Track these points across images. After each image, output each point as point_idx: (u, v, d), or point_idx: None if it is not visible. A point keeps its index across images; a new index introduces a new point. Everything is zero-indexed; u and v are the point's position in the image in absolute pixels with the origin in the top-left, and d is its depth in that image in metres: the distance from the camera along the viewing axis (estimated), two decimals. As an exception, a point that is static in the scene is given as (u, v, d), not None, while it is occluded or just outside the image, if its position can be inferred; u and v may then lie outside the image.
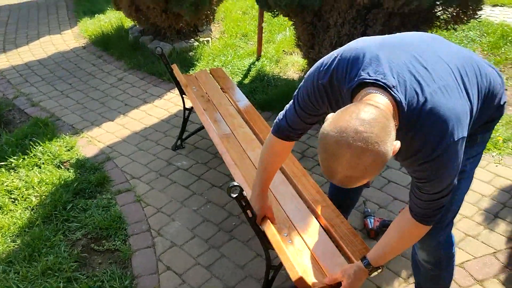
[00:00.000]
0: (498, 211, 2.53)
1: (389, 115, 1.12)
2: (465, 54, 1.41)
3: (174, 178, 2.98)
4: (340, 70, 1.31)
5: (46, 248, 2.40)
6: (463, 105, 1.25)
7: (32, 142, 3.34)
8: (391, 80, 1.20)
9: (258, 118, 2.76)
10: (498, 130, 3.20)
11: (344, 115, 1.09)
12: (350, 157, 1.06)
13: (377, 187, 2.78)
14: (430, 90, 1.21)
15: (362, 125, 1.06)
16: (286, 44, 4.92)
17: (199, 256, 2.37)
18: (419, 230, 1.45)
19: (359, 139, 1.05)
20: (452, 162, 1.25)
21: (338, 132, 1.07)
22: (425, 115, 1.19)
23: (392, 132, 1.10)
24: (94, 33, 5.64)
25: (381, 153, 1.06)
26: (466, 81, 1.30)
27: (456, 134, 1.21)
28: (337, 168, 1.09)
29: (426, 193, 1.34)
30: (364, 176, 1.09)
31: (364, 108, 1.10)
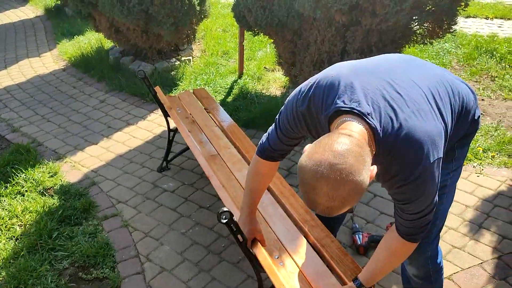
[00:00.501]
0: (482, 222, 2.58)
1: (363, 143, 1.16)
2: (437, 74, 1.46)
3: (161, 200, 2.97)
4: (317, 98, 1.36)
5: (32, 279, 2.35)
6: (437, 127, 1.29)
7: (14, 169, 3.29)
8: (365, 108, 1.24)
9: (243, 138, 2.78)
10: (478, 141, 3.28)
11: (318, 148, 1.13)
12: (327, 190, 1.09)
13: (363, 202, 2.81)
14: (405, 115, 1.25)
15: (336, 157, 1.09)
16: (267, 61, 4.96)
17: (190, 281, 2.35)
18: (407, 248, 1.48)
19: (334, 171, 1.08)
20: (430, 183, 1.30)
21: (313, 166, 1.11)
22: (400, 140, 1.24)
23: (367, 159, 1.13)
24: (73, 55, 5.61)
25: (357, 182, 1.10)
26: (439, 102, 1.35)
27: (431, 156, 1.25)
28: (317, 200, 1.12)
29: (409, 213, 1.38)
30: (344, 205, 1.12)
31: (337, 139, 1.14)
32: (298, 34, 3.49)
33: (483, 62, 4.56)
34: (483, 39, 5.09)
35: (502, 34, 5.28)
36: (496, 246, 2.42)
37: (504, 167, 3.03)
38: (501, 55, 4.62)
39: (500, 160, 3.08)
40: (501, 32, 5.41)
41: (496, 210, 2.66)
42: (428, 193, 1.32)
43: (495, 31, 5.44)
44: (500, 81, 4.18)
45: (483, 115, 3.69)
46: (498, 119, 3.61)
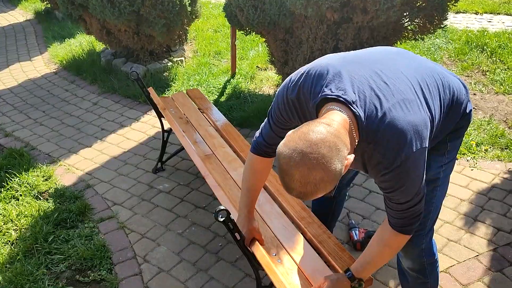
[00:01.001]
0: (477, 215, 2.60)
1: (341, 133, 1.20)
2: (427, 66, 1.48)
3: (157, 201, 2.96)
4: (306, 86, 1.39)
5: (29, 284, 2.34)
6: (422, 117, 1.31)
7: (7, 174, 3.26)
8: (351, 96, 1.28)
9: (238, 136, 2.78)
10: (471, 135, 3.30)
11: (295, 135, 1.18)
12: (299, 177, 1.15)
13: (359, 198, 2.82)
14: (389, 104, 1.28)
15: (309, 146, 1.14)
16: (259, 60, 4.97)
17: (188, 280, 2.35)
18: (399, 240, 1.49)
19: (305, 160, 1.13)
20: (413, 172, 1.32)
21: (288, 153, 1.16)
22: (383, 129, 1.26)
23: (341, 149, 1.17)
24: (65, 58, 5.58)
25: (328, 171, 1.14)
26: (426, 93, 1.38)
27: (414, 146, 1.27)
28: (291, 185, 1.18)
29: (396, 202, 1.40)
30: (317, 191, 1.18)
31: (314, 128, 1.18)
32: (290, 33, 3.50)
33: (474, 57, 4.60)
34: (474, 34, 5.13)
35: (492, 29, 5.32)
36: (491, 238, 2.44)
37: (497, 160, 3.06)
38: (491, 50, 4.66)
39: (493, 154, 3.11)
40: (491, 26, 5.45)
41: (490, 203, 2.68)
42: (412, 182, 1.33)
43: (485, 26, 5.48)
44: (491, 75, 4.22)
45: (475, 109, 3.72)
46: (490, 113, 3.64)
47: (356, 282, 1.57)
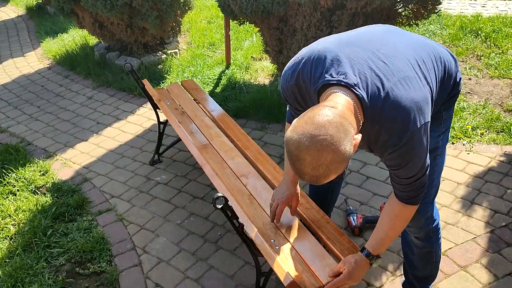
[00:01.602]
0: (474, 198, 2.62)
1: (346, 114, 1.21)
2: (419, 41, 1.51)
3: (155, 193, 2.96)
4: (305, 72, 1.41)
5: (29, 277, 2.34)
6: (423, 93, 1.33)
7: (4, 169, 3.25)
8: (352, 79, 1.29)
9: (234, 126, 2.77)
10: (466, 119, 3.31)
11: (302, 121, 1.19)
12: (310, 160, 1.16)
13: (356, 184, 2.83)
14: (391, 84, 1.29)
15: (317, 129, 1.15)
16: (254, 50, 4.95)
17: (187, 270, 2.35)
18: (408, 211, 1.52)
19: (315, 142, 1.14)
20: (419, 147, 1.34)
21: (297, 138, 1.17)
22: (387, 109, 1.28)
23: (349, 129, 1.18)
24: (58, 53, 5.54)
25: (338, 151, 1.15)
26: (424, 69, 1.40)
27: (418, 122, 1.29)
28: (303, 170, 1.19)
29: (403, 177, 1.43)
30: (330, 173, 1.18)
31: (319, 111, 1.19)
32: (284, 21, 3.49)
33: (469, 42, 4.60)
34: (468, 19, 5.12)
35: (486, 14, 5.32)
36: (488, 220, 2.45)
37: (493, 143, 3.07)
38: (486, 34, 4.65)
39: (489, 137, 3.12)
40: (485, 11, 5.45)
41: (487, 186, 2.70)
42: (418, 157, 1.36)
43: (479, 11, 5.48)
44: (486, 59, 4.22)
45: (471, 94, 3.73)
46: (486, 97, 3.65)
47: (374, 259, 1.59)
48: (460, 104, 3.49)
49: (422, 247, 1.78)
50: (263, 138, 3.42)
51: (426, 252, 1.80)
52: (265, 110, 3.70)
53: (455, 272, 2.18)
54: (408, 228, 1.75)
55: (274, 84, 4.11)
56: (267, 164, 2.36)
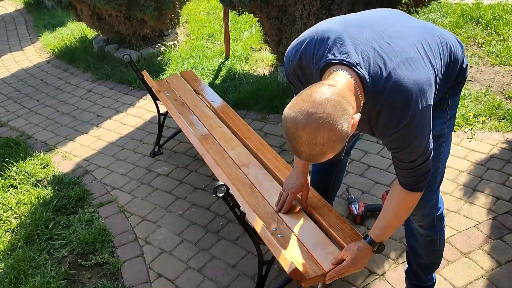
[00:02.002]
0: (476, 185, 2.61)
1: (345, 92, 1.20)
2: (426, 26, 1.49)
3: (156, 184, 2.96)
4: (308, 52, 1.40)
5: (32, 269, 2.34)
6: (426, 75, 1.31)
7: (5, 163, 3.25)
8: (354, 58, 1.28)
9: (234, 116, 2.76)
10: (468, 107, 3.30)
11: (299, 99, 1.19)
12: (306, 138, 1.15)
13: (358, 173, 2.82)
14: (394, 64, 1.28)
15: (314, 107, 1.14)
16: (253, 41, 4.92)
17: (190, 260, 2.35)
18: (412, 198, 1.51)
19: (311, 120, 1.14)
20: (420, 130, 1.33)
21: (293, 116, 1.16)
22: (389, 89, 1.27)
23: (347, 108, 1.17)
24: (57, 46, 5.52)
25: (335, 130, 1.15)
26: (428, 51, 1.38)
27: (420, 104, 1.28)
28: (299, 148, 1.18)
29: (405, 161, 1.41)
30: (326, 152, 1.18)
31: (318, 89, 1.18)
32: (283, 10, 3.46)
33: (469, 29, 4.56)
34: (468, 7, 5.08)
35: (486, 1, 5.27)
36: (490, 207, 2.45)
37: (495, 130, 3.05)
38: (486, 22, 4.62)
39: (491, 124, 3.11)
40: (485, -1, 5.40)
41: (489, 173, 2.69)
42: (419, 139, 1.34)
43: (479, -2, 5.43)
44: (487, 47, 4.19)
45: (472, 81, 3.71)
46: (487, 84, 3.63)
47: (377, 246, 1.59)
48: (462, 92, 3.46)
49: (426, 236, 1.76)
50: (263, 129, 3.41)
51: (430, 241, 1.79)
52: (265, 101, 3.68)
53: (457, 258, 2.18)
54: (412, 216, 1.74)
55: (274, 75, 4.09)
56: (268, 154, 2.35)
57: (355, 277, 2.14)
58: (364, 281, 2.12)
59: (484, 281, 2.06)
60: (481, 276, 2.08)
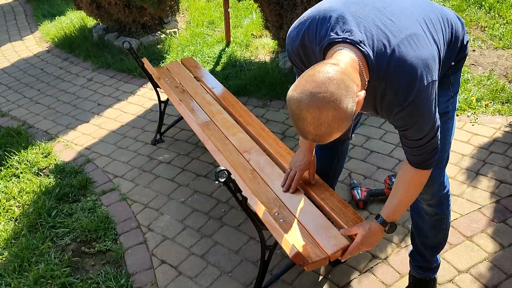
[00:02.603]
0: (479, 168, 2.60)
1: (349, 71, 1.19)
2: (427, 2, 1.48)
3: (158, 172, 2.95)
4: (311, 32, 1.38)
5: (35, 257, 2.35)
6: (430, 51, 1.30)
7: (6, 152, 3.25)
8: (358, 36, 1.26)
9: (235, 102, 2.74)
10: (471, 91, 3.27)
11: (302, 79, 1.18)
12: (311, 119, 1.15)
13: (360, 158, 2.81)
14: (397, 41, 1.27)
15: (317, 86, 1.14)
16: (254, 28, 4.88)
17: (192, 246, 2.36)
18: (422, 176, 1.51)
19: (314, 100, 1.13)
20: (426, 106, 1.32)
21: (297, 97, 1.16)
22: (393, 66, 1.26)
23: (351, 86, 1.16)
24: (56, 35, 5.48)
25: (339, 109, 1.14)
26: (431, 28, 1.37)
27: (425, 80, 1.27)
28: (305, 129, 1.18)
29: (412, 139, 1.41)
30: (332, 131, 1.17)
31: (320, 69, 1.17)
32: (283, -5, 3.42)
33: (472, 13, 4.51)
34: (471, -10, 5.01)
35: (489, -16, 5.20)
36: (493, 191, 2.44)
37: (498, 114, 3.03)
38: (489, 5, 4.56)
39: (494, 108, 3.08)
40: (488, -18, 5.32)
41: (492, 157, 2.67)
42: (425, 116, 1.33)
43: (482, -19, 5.35)
44: (490, 30, 4.15)
45: (475, 65, 3.67)
46: (490, 68, 3.60)
47: (389, 226, 1.59)
48: (465, 76, 3.44)
49: (434, 214, 1.76)
50: (265, 115, 3.40)
51: (437, 219, 1.78)
52: (266, 88, 3.66)
53: (460, 242, 2.17)
54: (420, 195, 1.73)
55: (275, 61, 4.06)
56: (269, 140, 2.34)
57: (358, 261, 2.14)
58: (366, 265, 2.13)
59: (487, 264, 2.05)
60: (484, 259, 2.08)
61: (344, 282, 2.06)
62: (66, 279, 2.21)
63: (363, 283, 2.05)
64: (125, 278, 2.20)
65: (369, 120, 3.14)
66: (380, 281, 2.05)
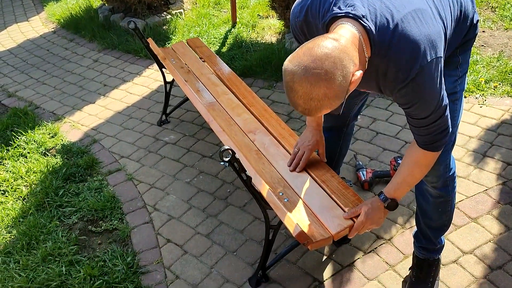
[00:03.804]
0: (486, 150, 2.57)
1: (348, 48, 1.18)
2: None
3: (163, 153, 2.96)
4: (314, 7, 1.37)
5: (43, 235, 2.39)
6: (435, 27, 1.28)
7: (14, 132, 3.27)
8: (360, 10, 1.24)
9: (240, 83, 2.73)
10: (480, 72, 3.22)
11: (301, 51, 1.17)
12: (302, 93, 1.16)
13: (366, 140, 2.80)
14: (401, 15, 1.24)
15: (313, 61, 1.13)
16: (260, 8, 4.83)
17: (198, 226, 2.38)
18: (428, 158, 1.50)
19: (308, 75, 1.13)
20: (430, 83, 1.29)
21: (292, 68, 1.16)
22: (396, 41, 1.24)
23: (348, 65, 1.16)
24: (62, 16, 5.47)
25: (331, 87, 1.14)
26: (438, 4, 1.34)
27: (428, 55, 1.24)
28: (295, 100, 1.19)
29: (417, 118, 1.39)
30: (321, 108, 1.18)
31: (320, 43, 1.16)
32: (290, -26, 3.37)
33: (483, -7, 4.42)
34: (482, -31, 4.91)
35: (501, -36, 5.08)
36: (500, 172, 2.42)
37: (507, 96, 2.99)
38: (501, -15, 4.47)
39: (503, 90, 3.04)
40: (500, -39, 5.21)
41: (499, 139, 2.65)
42: (430, 94, 1.31)
43: (494, -39, 5.24)
44: (501, 11, 4.07)
45: (484, 46, 3.62)
46: (500, 49, 3.54)
47: (389, 202, 1.60)
48: (474, 57, 3.39)
49: (438, 196, 1.75)
50: (270, 97, 3.38)
51: (441, 202, 1.77)
52: (272, 69, 3.63)
53: (465, 223, 2.17)
54: (425, 177, 1.72)
55: (281, 42, 4.02)
56: (272, 121, 2.33)
57: (362, 242, 2.15)
58: (371, 245, 2.13)
59: (492, 245, 2.05)
60: (489, 241, 2.08)
61: (348, 262, 2.07)
62: (73, 257, 2.24)
63: (367, 263, 2.06)
64: (131, 256, 2.22)
65: (376, 101, 3.12)
66: (384, 261, 2.06)
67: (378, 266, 2.04)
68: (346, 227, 1.68)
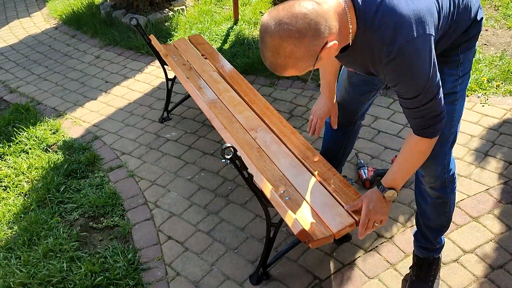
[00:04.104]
0: (488, 150, 2.57)
1: (328, 15, 1.18)
2: None
3: (165, 150, 2.96)
4: None
5: (44, 231, 2.39)
6: (425, 3, 1.27)
7: (15, 128, 3.27)
8: None
9: (242, 81, 2.73)
10: (482, 71, 3.22)
11: (280, 6, 1.19)
12: (271, 45, 1.18)
13: (368, 138, 2.80)
14: None
15: (289, 17, 1.15)
16: (262, 5, 4.82)
17: (199, 223, 2.38)
18: (422, 145, 1.48)
19: (279, 30, 1.16)
20: (416, 60, 1.26)
21: (267, 20, 1.19)
22: (381, 13, 1.23)
23: (322, 30, 1.17)
24: (64, 12, 5.46)
25: (299, 47, 1.16)
26: None
27: (415, 30, 1.23)
28: (264, 53, 1.22)
29: (405, 98, 1.37)
30: (287, 66, 1.21)
31: (301, 2, 1.17)
32: (293, -29, 3.36)
33: (486, -9, 4.41)
34: (486, -32, 4.90)
35: (505, -38, 5.06)
36: (502, 172, 2.42)
37: (509, 95, 2.99)
38: (504, -17, 4.45)
39: (506, 89, 3.03)
40: (504, -40, 5.19)
41: (501, 138, 2.64)
42: (416, 71, 1.28)
43: (498, -41, 5.22)
44: (504, 10, 4.06)
45: (487, 45, 3.61)
46: (503, 48, 3.53)
47: (387, 191, 1.60)
48: (476, 56, 3.38)
49: (437, 197, 1.74)
50: (272, 94, 3.38)
51: (440, 203, 1.77)
52: (274, 66, 3.62)
53: (466, 222, 2.17)
54: (423, 178, 1.72)
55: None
56: (274, 118, 2.33)
57: (363, 241, 2.15)
58: (372, 244, 2.13)
59: (492, 245, 2.05)
60: (490, 240, 2.07)
61: (349, 261, 2.07)
62: (74, 253, 2.25)
63: (368, 262, 2.06)
64: (132, 253, 2.23)
65: (377, 100, 3.11)
66: (384, 260, 2.06)
67: (379, 265, 2.04)
68: (347, 226, 1.68)
